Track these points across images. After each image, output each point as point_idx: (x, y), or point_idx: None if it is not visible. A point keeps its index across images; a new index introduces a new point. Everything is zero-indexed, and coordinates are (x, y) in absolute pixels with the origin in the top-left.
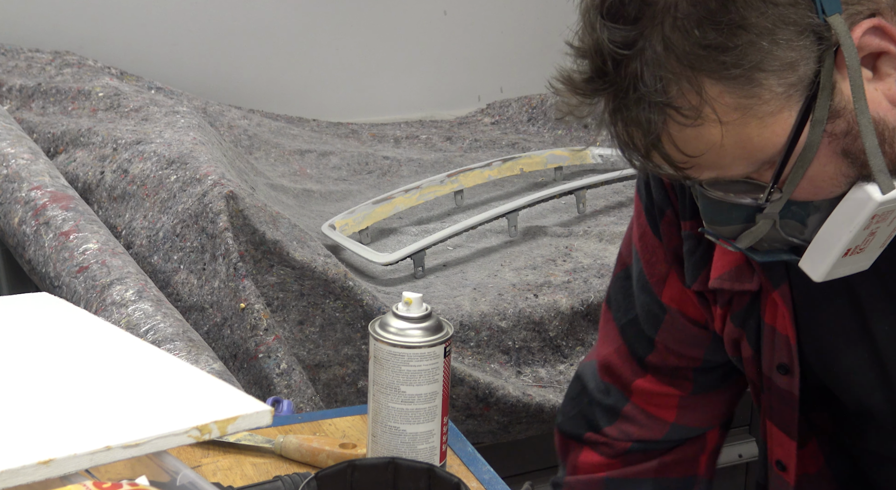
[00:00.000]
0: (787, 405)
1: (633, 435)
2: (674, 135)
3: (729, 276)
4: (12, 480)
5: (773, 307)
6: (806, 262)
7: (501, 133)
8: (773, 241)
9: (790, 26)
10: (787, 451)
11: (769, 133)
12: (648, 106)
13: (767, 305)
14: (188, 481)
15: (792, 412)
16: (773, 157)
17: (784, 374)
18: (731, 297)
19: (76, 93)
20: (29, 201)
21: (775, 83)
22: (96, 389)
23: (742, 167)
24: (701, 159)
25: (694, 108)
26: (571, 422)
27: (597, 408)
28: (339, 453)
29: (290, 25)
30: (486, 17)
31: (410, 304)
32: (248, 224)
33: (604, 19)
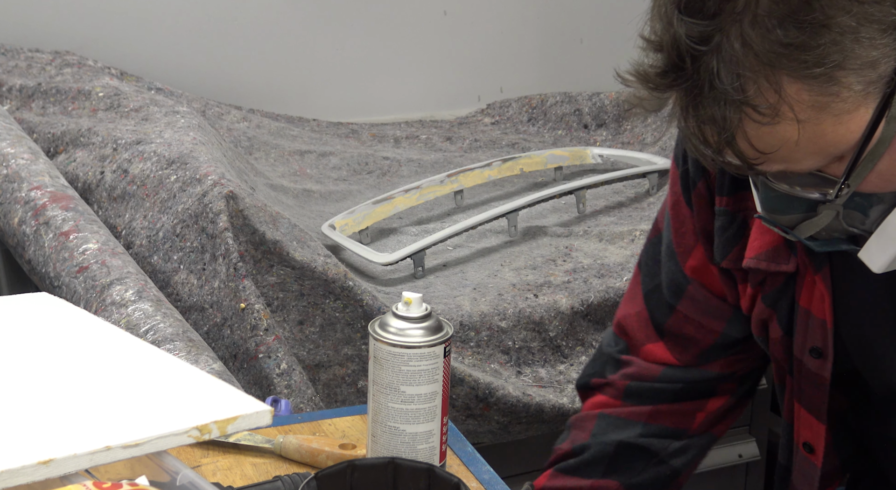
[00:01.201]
0: (818, 389)
1: (631, 374)
2: (749, 132)
3: (766, 257)
4: (12, 480)
5: (809, 291)
6: (866, 253)
7: (501, 133)
8: (833, 231)
9: (874, 24)
10: (815, 434)
11: (844, 130)
12: (724, 103)
13: (804, 289)
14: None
15: (822, 395)
16: (845, 152)
17: (817, 357)
18: (765, 278)
19: (76, 93)
20: (29, 201)
21: (854, 81)
22: (96, 389)
23: (812, 162)
24: (773, 155)
25: (771, 107)
26: (585, 378)
27: (606, 359)
28: (338, 454)
29: (291, 25)
30: (486, 17)
31: (410, 304)
32: (248, 224)
33: (681, 14)
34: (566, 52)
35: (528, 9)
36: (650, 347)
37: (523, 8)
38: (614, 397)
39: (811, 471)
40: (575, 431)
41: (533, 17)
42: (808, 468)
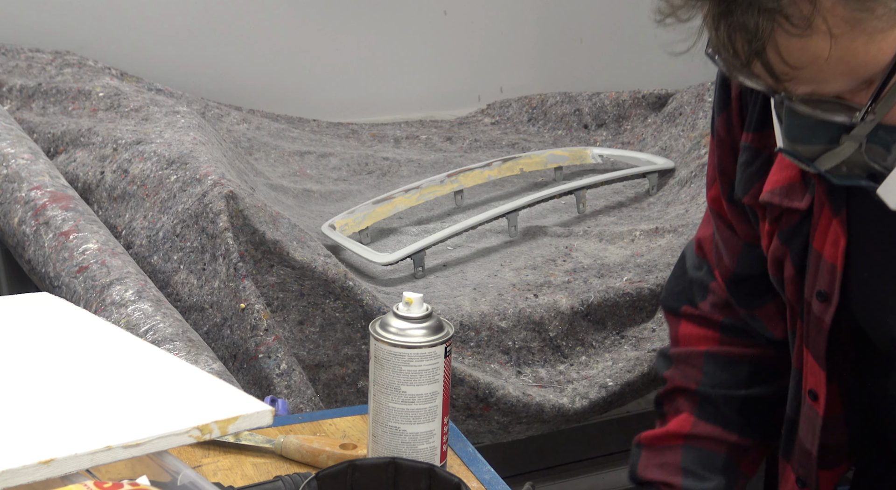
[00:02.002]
0: (819, 333)
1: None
2: (780, 44)
3: (780, 192)
4: (13, 480)
5: (823, 233)
6: (885, 189)
7: (501, 133)
8: (854, 166)
9: None
10: (818, 380)
11: (875, 50)
12: (758, 11)
13: (818, 231)
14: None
15: (822, 340)
16: (874, 76)
17: (822, 301)
18: (781, 214)
19: (76, 93)
20: (29, 201)
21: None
22: (97, 389)
23: (841, 83)
24: (803, 72)
25: (805, 18)
26: (672, 297)
27: (693, 283)
28: (339, 454)
29: (291, 25)
30: (486, 17)
31: (411, 304)
32: (248, 224)
33: None
34: (566, 52)
35: (528, 9)
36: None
37: (523, 8)
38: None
39: (815, 420)
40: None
41: (533, 17)
42: (813, 417)
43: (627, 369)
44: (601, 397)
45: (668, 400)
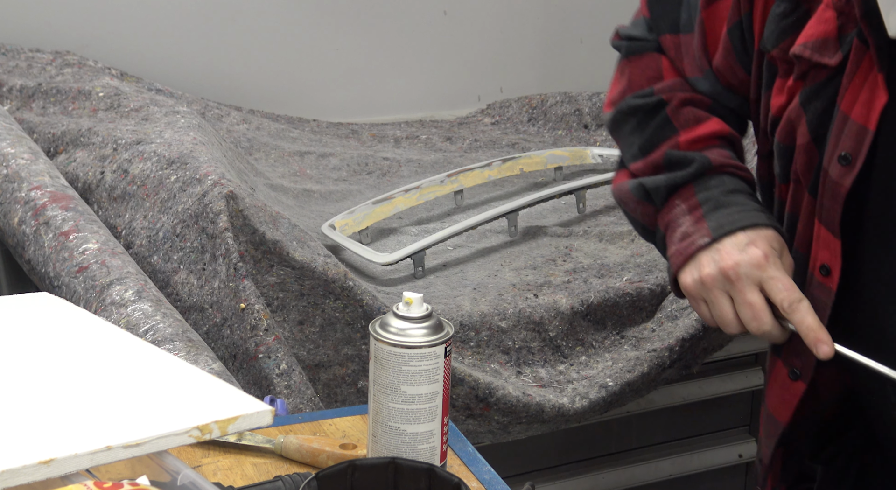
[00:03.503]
0: (835, 200)
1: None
2: None
3: (812, 46)
4: (13, 480)
5: (854, 93)
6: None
7: (501, 133)
8: None
9: None
10: (832, 253)
11: None
12: None
13: (849, 91)
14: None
15: (838, 207)
16: None
17: (844, 164)
18: (808, 71)
19: (76, 93)
20: (29, 201)
21: None
22: (97, 389)
23: None
24: None
25: None
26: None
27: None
28: (339, 454)
29: (291, 26)
30: (486, 17)
31: (411, 304)
32: (248, 224)
33: None
34: (566, 52)
35: (528, 9)
36: None
37: (523, 8)
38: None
39: (825, 298)
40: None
41: (533, 17)
42: (823, 295)
43: (627, 369)
44: (601, 397)
45: (675, 113)
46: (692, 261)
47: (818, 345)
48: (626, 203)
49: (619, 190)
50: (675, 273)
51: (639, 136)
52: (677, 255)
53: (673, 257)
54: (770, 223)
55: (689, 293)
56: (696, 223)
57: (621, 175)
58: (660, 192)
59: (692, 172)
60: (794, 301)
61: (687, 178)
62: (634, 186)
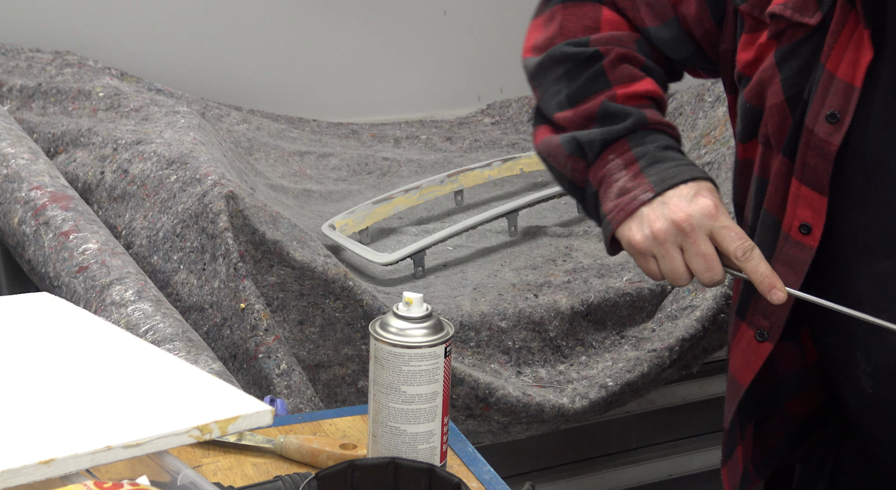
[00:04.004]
0: (824, 158)
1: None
2: None
3: (793, 5)
4: (13, 480)
5: (839, 52)
6: None
7: (501, 133)
8: None
9: None
10: (816, 210)
11: None
12: None
13: (834, 49)
14: (189, 481)
15: (827, 165)
16: None
17: (832, 122)
18: (785, 30)
19: (76, 93)
20: (29, 201)
21: None
22: (97, 389)
23: None
24: None
25: None
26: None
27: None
28: (339, 454)
29: (291, 26)
30: (486, 17)
31: (411, 304)
32: (248, 224)
33: None
34: None
35: (529, 9)
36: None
37: (523, 8)
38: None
39: (803, 256)
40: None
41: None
42: (801, 254)
43: (627, 369)
44: (601, 397)
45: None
46: (635, 216)
47: (772, 291)
48: (556, 157)
49: (546, 144)
50: (613, 229)
51: (567, 85)
52: (617, 210)
53: (611, 213)
54: (707, 176)
55: (637, 249)
56: (635, 178)
57: (544, 129)
58: (594, 146)
59: (628, 126)
60: (747, 249)
61: (623, 132)
62: (566, 140)
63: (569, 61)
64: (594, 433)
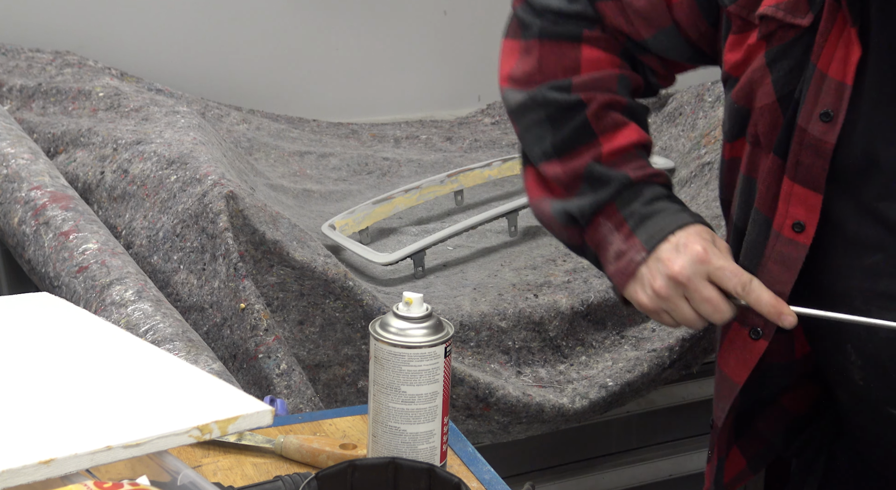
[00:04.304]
0: (820, 156)
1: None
2: None
3: (785, 7)
4: (13, 480)
5: (830, 51)
6: None
7: (501, 133)
8: None
9: None
10: (810, 208)
11: None
12: None
13: (825, 49)
14: (189, 481)
15: (823, 163)
16: None
17: (826, 121)
18: (775, 31)
19: (76, 93)
20: (29, 201)
21: None
22: (97, 389)
23: None
24: None
25: None
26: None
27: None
28: (339, 454)
29: (291, 26)
30: (486, 17)
31: (411, 304)
32: (248, 224)
33: None
34: None
35: None
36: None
37: None
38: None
39: (796, 254)
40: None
41: None
42: (793, 251)
43: (627, 369)
44: (601, 397)
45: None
46: (636, 278)
47: (782, 318)
48: (551, 226)
49: (541, 212)
50: (621, 292)
51: (552, 133)
52: (619, 274)
53: (615, 277)
54: (694, 219)
55: (647, 309)
56: (627, 240)
57: (531, 177)
58: (585, 215)
59: (612, 192)
60: (745, 283)
61: (609, 197)
62: (558, 212)
63: (550, 107)
64: (594, 433)
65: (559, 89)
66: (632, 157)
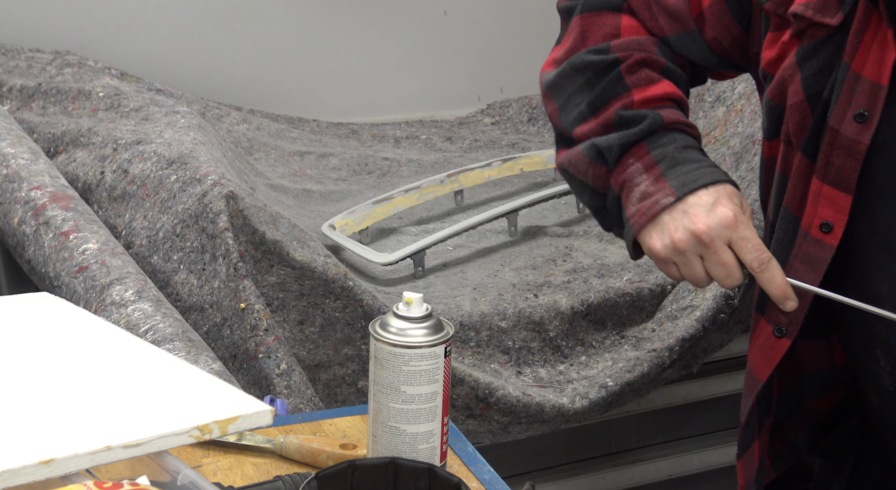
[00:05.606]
0: (852, 157)
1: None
2: None
3: (815, 5)
4: (13, 480)
5: (864, 51)
6: None
7: (501, 133)
8: None
9: None
10: (839, 209)
11: None
12: None
13: (859, 49)
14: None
15: (856, 163)
16: None
17: (861, 122)
18: (806, 29)
19: (76, 93)
20: (29, 201)
21: None
22: (97, 389)
23: None
24: None
25: None
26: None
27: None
28: (339, 454)
29: (291, 26)
30: (486, 17)
31: (411, 304)
32: (248, 224)
33: None
34: None
35: (528, 9)
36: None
37: (523, 8)
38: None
39: (822, 254)
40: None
41: (533, 17)
42: (820, 252)
43: (627, 369)
44: (601, 397)
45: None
46: (656, 222)
47: (785, 301)
48: (576, 166)
49: (567, 156)
50: (636, 233)
51: (588, 94)
52: (639, 215)
53: (634, 217)
54: (727, 178)
55: (658, 257)
56: (656, 182)
57: (564, 149)
58: (613, 150)
59: (644, 129)
60: (764, 261)
61: (640, 135)
62: (586, 147)
63: (588, 70)
64: (594, 433)
65: (597, 52)
66: (664, 106)
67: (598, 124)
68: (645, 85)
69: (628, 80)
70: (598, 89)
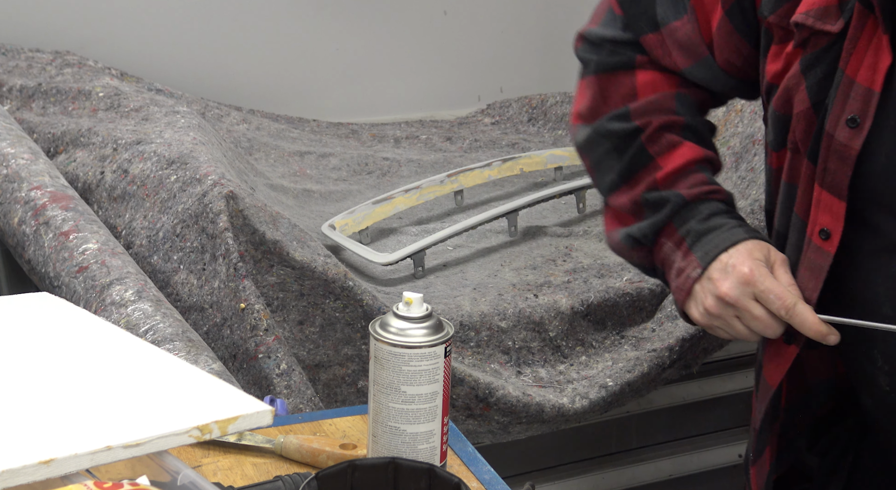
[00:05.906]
0: (844, 162)
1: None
2: None
3: (815, 14)
4: (13, 480)
5: (858, 57)
6: None
7: (501, 133)
8: None
9: None
10: (835, 216)
11: None
12: None
13: (853, 56)
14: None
15: (847, 170)
16: None
17: (852, 127)
18: (809, 38)
19: (76, 93)
20: (29, 201)
21: None
22: (97, 389)
23: None
24: None
25: None
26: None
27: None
28: (339, 454)
29: (291, 26)
30: (486, 17)
31: (411, 304)
32: (248, 224)
33: None
34: (566, 52)
35: (528, 9)
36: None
37: (523, 8)
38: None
39: (822, 261)
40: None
41: (533, 17)
42: (820, 259)
43: (627, 369)
44: (601, 397)
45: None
46: (691, 296)
47: (826, 337)
48: (621, 252)
49: (612, 241)
50: (680, 308)
51: (616, 160)
52: (678, 291)
53: (675, 293)
54: (749, 235)
55: (700, 324)
56: (686, 257)
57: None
58: (648, 237)
59: (668, 213)
60: (790, 307)
61: (665, 219)
62: (624, 237)
63: (613, 137)
64: (594, 433)
65: (618, 118)
66: (689, 173)
67: (631, 200)
68: (667, 152)
69: (651, 150)
70: (625, 160)
